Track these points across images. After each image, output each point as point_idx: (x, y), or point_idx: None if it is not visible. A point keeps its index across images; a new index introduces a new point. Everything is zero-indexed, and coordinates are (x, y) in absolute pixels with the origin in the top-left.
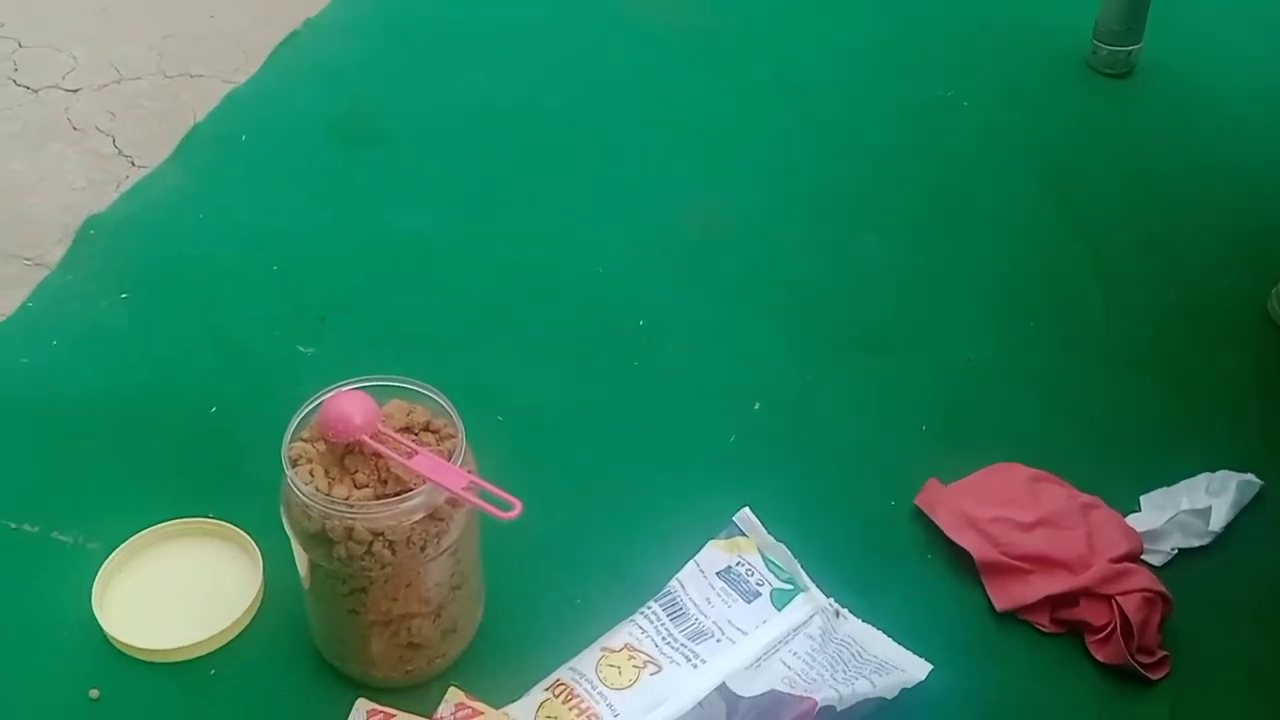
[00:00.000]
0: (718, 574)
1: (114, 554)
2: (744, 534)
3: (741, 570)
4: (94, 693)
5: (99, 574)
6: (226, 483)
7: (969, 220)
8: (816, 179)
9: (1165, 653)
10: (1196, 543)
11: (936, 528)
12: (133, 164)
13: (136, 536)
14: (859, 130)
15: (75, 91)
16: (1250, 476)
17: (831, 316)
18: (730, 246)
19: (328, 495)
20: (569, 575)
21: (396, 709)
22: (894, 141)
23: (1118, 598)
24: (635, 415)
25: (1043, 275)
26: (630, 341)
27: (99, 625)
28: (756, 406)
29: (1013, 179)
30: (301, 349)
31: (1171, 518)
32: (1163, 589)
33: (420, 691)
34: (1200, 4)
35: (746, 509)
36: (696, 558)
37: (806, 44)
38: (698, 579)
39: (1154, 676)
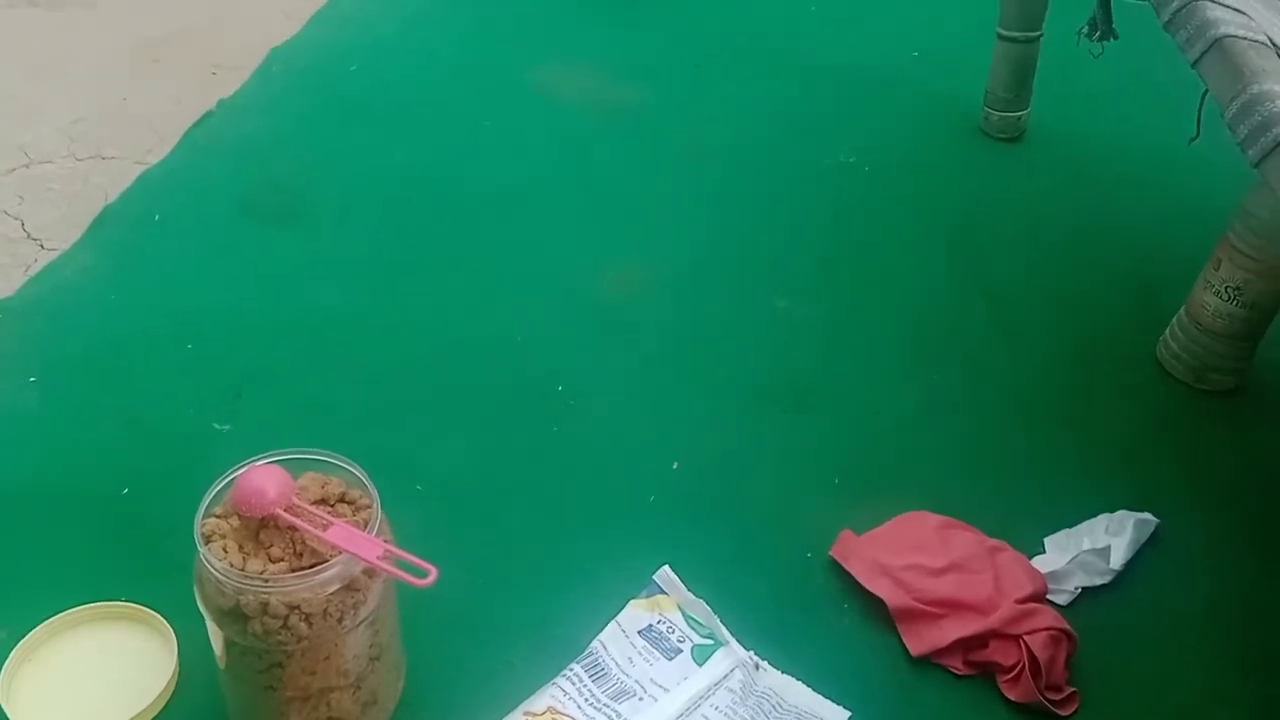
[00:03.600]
0: (639, 633)
1: (23, 642)
2: (664, 592)
3: (663, 628)
4: None
5: (7, 663)
6: (140, 565)
7: (878, 279)
8: (731, 244)
9: (1073, 689)
10: (1098, 581)
11: (852, 577)
12: (42, 247)
13: (46, 623)
14: (770, 197)
15: None
16: (1147, 515)
17: (747, 376)
18: (649, 312)
19: (242, 570)
20: (491, 640)
21: None
22: (804, 208)
23: (1025, 637)
24: (555, 479)
25: (948, 330)
26: (550, 407)
27: (7, 717)
28: (675, 466)
29: (917, 239)
30: (217, 426)
31: (1074, 558)
32: (1067, 627)
33: None
34: (1083, 71)
35: (666, 567)
36: (618, 618)
37: (719, 118)
38: (619, 639)
39: (1064, 712)
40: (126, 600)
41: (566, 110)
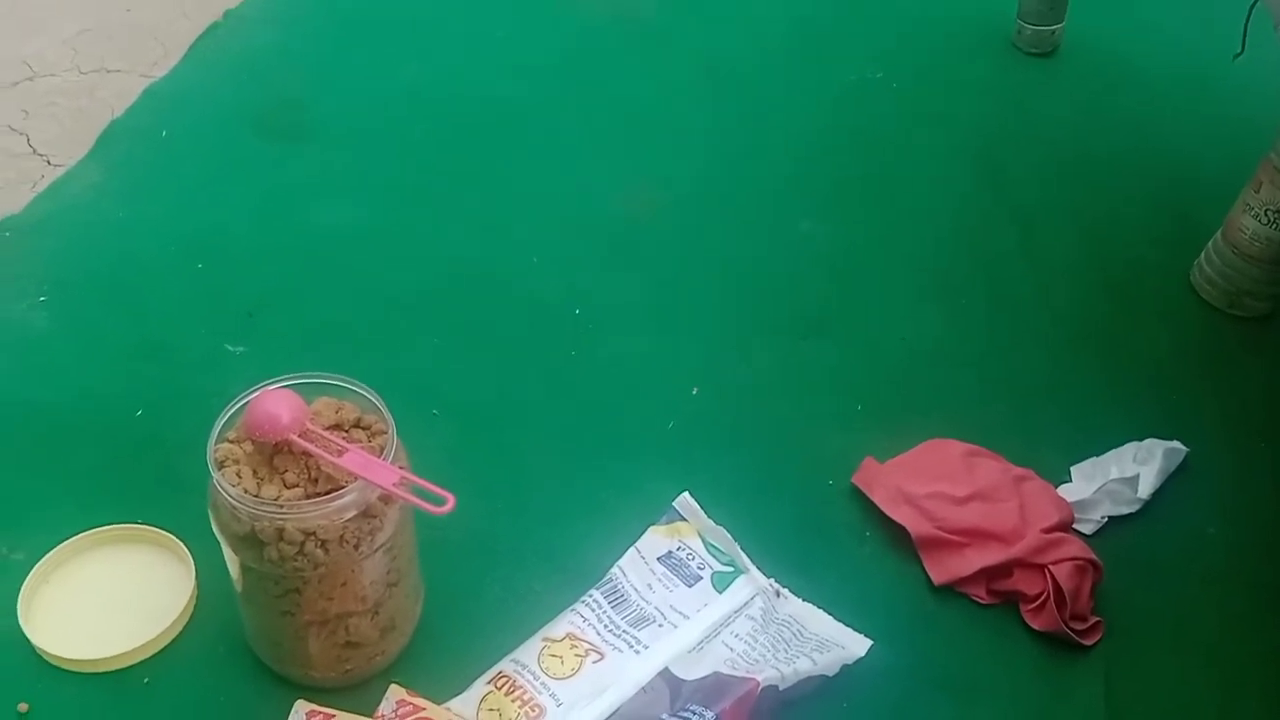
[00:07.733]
0: (659, 559)
1: (40, 564)
2: (684, 519)
3: (682, 555)
4: (23, 706)
5: (24, 585)
6: (155, 487)
7: (902, 201)
8: (751, 164)
9: (1098, 618)
10: (1125, 510)
11: (874, 505)
12: (48, 163)
13: (63, 545)
14: (792, 115)
15: None
16: (1176, 444)
17: (767, 300)
18: (666, 233)
19: (256, 496)
20: (509, 567)
21: (337, 709)
22: (826, 125)
23: (1050, 567)
24: (573, 404)
25: (974, 253)
26: (567, 331)
27: (25, 638)
28: (695, 391)
29: (943, 159)
30: (230, 347)
31: (1101, 487)
32: (1093, 556)
33: (360, 690)
34: None
35: (686, 494)
36: (637, 544)
37: (738, 30)
38: (639, 565)
39: (1087, 642)
40: (143, 523)
41: (584, 24)
